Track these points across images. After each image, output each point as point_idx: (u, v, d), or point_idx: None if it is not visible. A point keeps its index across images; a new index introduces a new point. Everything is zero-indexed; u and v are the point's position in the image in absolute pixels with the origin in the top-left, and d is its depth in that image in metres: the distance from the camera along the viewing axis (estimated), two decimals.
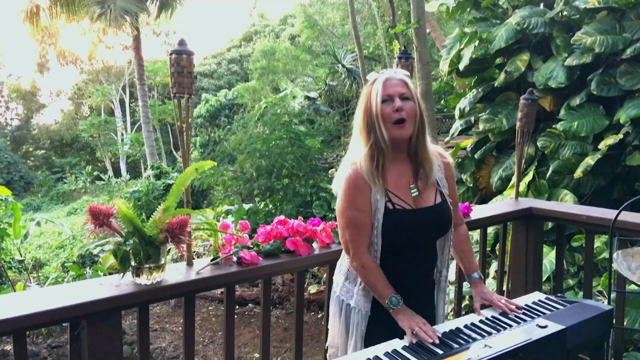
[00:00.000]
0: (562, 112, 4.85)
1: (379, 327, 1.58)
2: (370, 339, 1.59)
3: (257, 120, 9.75)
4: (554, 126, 4.85)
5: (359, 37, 11.72)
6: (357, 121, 1.60)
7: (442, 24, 13.53)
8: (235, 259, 1.78)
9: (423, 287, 1.69)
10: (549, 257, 3.84)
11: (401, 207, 1.57)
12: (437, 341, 1.39)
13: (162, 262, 1.58)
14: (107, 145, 28.42)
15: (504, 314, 1.55)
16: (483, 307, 1.63)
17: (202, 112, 21.33)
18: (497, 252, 3.04)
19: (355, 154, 1.60)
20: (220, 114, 21.53)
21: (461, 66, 5.55)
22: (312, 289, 6.95)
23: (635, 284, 1.80)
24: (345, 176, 1.58)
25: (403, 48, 2.34)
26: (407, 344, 1.40)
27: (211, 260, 1.77)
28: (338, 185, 1.61)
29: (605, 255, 3.78)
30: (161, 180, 12.93)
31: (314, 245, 1.98)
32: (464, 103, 5.82)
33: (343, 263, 1.72)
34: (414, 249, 1.62)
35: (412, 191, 1.60)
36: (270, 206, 8.07)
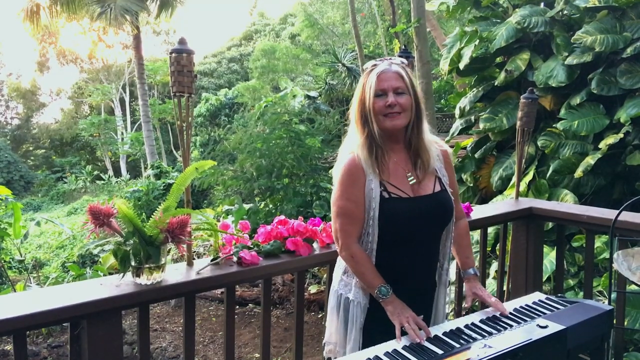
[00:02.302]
0: (562, 111, 4.85)
1: (377, 319, 1.57)
2: (368, 332, 1.58)
3: (257, 120, 9.75)
4: (554, 125, 4.85)
5: (359, 36, 11.72)
6: (352, 111, 1.61)
7: (442, 22, 13.53)
8: (235, 259, 1.78)
9: (425, 281, 1.67)
10: (549, 257, 3.84)
11: (397, 195, 1.55)
12: (424, 342, 1.39)
13: (163, 262, 1.58)
14: (107, 144, 28.44)
15: (503, 314, 1.55)
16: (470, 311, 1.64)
17: (202, 111, 21.35)
18: (498, 252, 3.04)
19: (352, 143, 1.61)
20: (220, 113, 21.53)
21: (461, 65, 5.54)
22: (313, 289, 6.95)
23: (636, 284, 1.80)
24: (342, 165, 1.59)
25: (403, 47, 2.34)
26: (407, 344, 1.40)
27: (211, 260, 1.77)
28: (335, 173, 1.63)
29: (606, 255, 3.78)
30: (161, 180, 12.94)
31: (315, 245, 1.98)
32: (464, 102, 5.82)
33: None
34: (414, 241, 1.59)
35: (409, 179, 1.59)
36: (271, 206, 8.06)
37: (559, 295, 1.69)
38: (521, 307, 1.60)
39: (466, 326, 1.48)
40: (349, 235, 1.57)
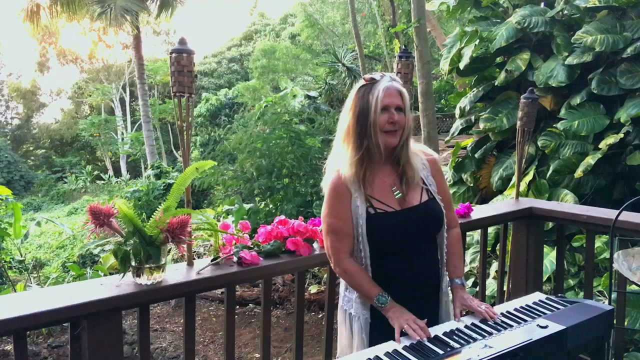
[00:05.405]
0: (562, 111, 4.85)
1: (380, 333, 1.57)
2: (373, 344, 1.57)
3: (257, 120, 9.74)
4: (554, 125, 4.85)
5: (359, 36, 11.73)
6: (346, 124, 1.58)
7: (442, 22, 13.53)
8: (235, 259, 1.78)
9: (424, 286, 1.66)
10: (550, 257, 3.84)
11: (383, 210, 1.57)
12: (425, 339, 1.40)
13: (163, 262, 1.58)
14: (107, 144, 28.45)
15: (503, 314, 1.55)
16: (462, 315, 1.62)
17: (203, 111, 21.36)
18: (498, 252, 3.04)
19: (339, 158, 1.60)
20: (220, 113, 21.54)
21: (461, 65, 5.54)
22: (313, 289, 6.94)
23: (636, 284, 1.80)
24: (328, 182, 1.60)
25: (403, 47, 2.34)
26: (407, 344, 1.40)
27: (212, 260, 1.77)
28: (324, 189, 1.63)
29: (606, 255, 3.77)
30: (161, 180, 12.93)
31: (315, 245, 1.98)
32: (464, 102, 5.82)
33: None
34: (406, 250, 1.60)
35: (395, 193, 1.60)
36: (271, 206, 8.06)
37: (559, 295, 1.69)
38: (521, 307, 1.60)
39: (466, 326, 1.48)
40: (340, 252, 1.60)
